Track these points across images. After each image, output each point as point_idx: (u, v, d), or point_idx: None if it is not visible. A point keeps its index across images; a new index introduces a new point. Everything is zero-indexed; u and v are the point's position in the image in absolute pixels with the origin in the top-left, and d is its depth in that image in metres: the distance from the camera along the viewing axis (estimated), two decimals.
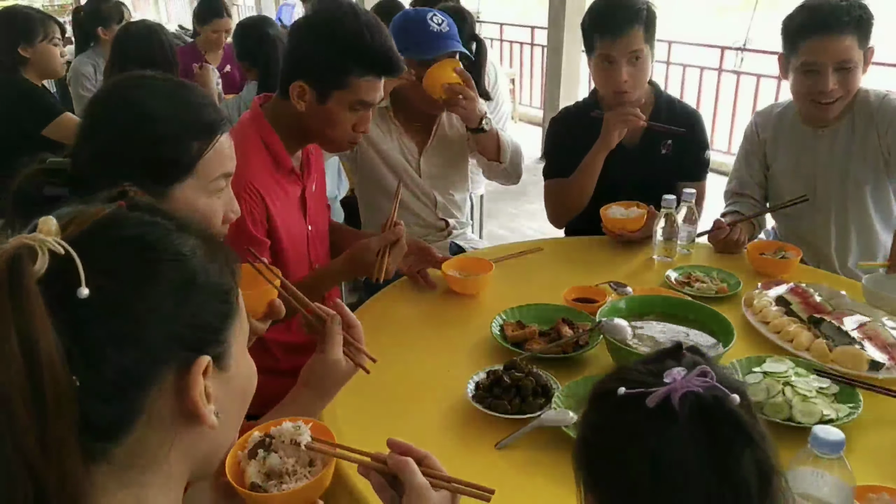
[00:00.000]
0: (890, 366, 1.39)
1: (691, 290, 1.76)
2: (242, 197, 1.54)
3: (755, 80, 5.80)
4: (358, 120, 1.62)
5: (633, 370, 0.73)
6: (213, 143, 1.13)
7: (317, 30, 1.55)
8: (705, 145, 2.26)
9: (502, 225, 4.54)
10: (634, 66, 2.06)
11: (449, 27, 2.11)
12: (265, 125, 1.63)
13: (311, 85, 1.56)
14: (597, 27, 2.06)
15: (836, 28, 1.84)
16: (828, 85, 1.88)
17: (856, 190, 2.03)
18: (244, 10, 11.67)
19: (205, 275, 0.65)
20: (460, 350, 1.55)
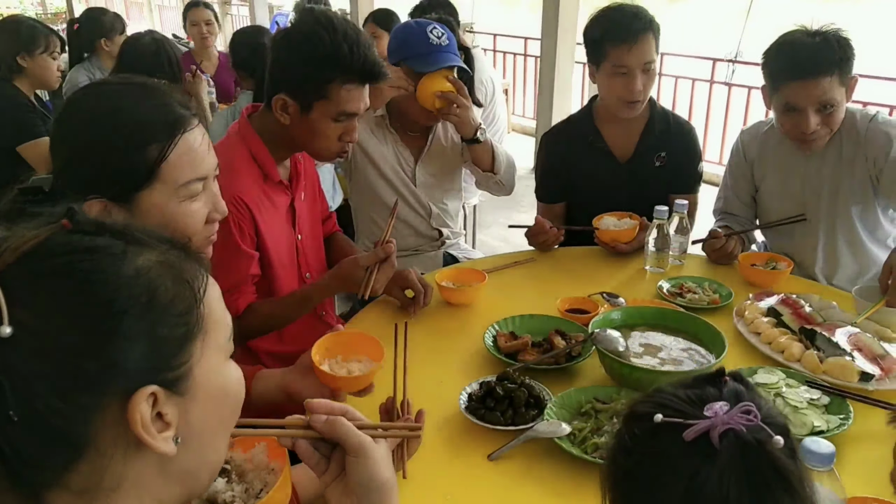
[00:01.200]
0: (880, 377, 1.40)
1: (683, 300, 1.76)
2: (230, 210, 1.53)
3: (746, 92, 5.84)
4: (344, 130, 1.62)
5: (671, 395, 0.71)
6: (172, 145, 1.06)
7: (295, 43, 1.56)
8: (699, 158, 2.27)
9: (495, 235, 4.55)
10: (646, 77, 2.08)
11: (448, 41, 2.11)
12: (253, 136, 1.64)
13: (293, 97, 1.57)
14: (611, 36, 2.05)
15: (815, 73, 1.81)
16: (809, 126, 1.86)
17: (844, 210, 2.02)
18: (238, 20, 11.69)
19: (151, 301, 0.62)
20: (453, 361, 1.55)
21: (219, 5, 12.32)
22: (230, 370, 0.72)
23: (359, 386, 1.27)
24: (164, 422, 0.63)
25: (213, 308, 0.69)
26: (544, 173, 2.36)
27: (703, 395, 0.69)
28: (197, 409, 0.66)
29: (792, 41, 1.88)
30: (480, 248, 3.79)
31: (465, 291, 1.80)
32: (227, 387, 0.71)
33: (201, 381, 0.66)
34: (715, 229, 2.05)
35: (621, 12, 2.06)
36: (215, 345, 0.68)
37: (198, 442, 0.67)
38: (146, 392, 0.61)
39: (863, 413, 1.31)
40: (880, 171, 1.93)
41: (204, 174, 1.12)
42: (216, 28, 4.13)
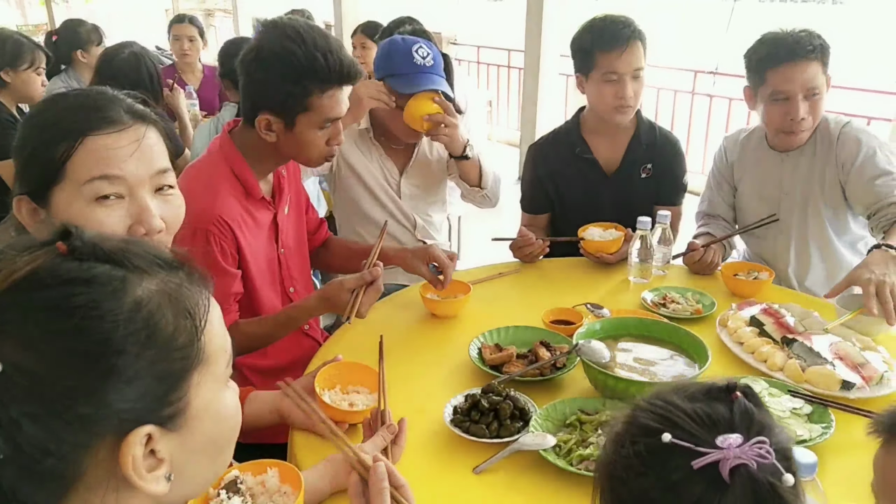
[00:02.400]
0: (861, 385, 1.41)
1: (667, 311, 1.77)
2: (211, 231, 1.54)
3: (727, 103, 5.91)
4: (330, 135, 1.63)
5: (679, 410, 0.68)
6: (77, 145, 1.01)
7: (269, 63, 1.53)
8: (684, 171, 2.30)
9: (480, 246, 4.56)
10: (636, 84, 2.10)
11: (434, 61, 2.11)
12: (235, 153, 1.63)
13: (275, 115, 1.56)
14: (601, 43, 2.08)
15: (802, 56, 1.90)
16: (798, 112, 1.92)
17: (815, 214, 2.07)
18: (221, 31, 11.67)
19: (151, 336, 0.59)
20: (438, 373, 1.55)
21: (202, 17, 12.32)
22: (227, 398, 0.70)
23: (359, 419, 1.30)
24: (157, 458, 0.61)
25: (213, 336, 0.67)
26: (530, 184, 2.37)
27: (713, 416, 0.67)
28: (192, 440, 0.65)
29: (775, 34, 1.97)
30: (466, 260, 3.79)
31: (450, 304, 1.80)
32: (224, 415, 0.69)
33: (198, 414, 0.64)
34: (693, 241, 2.08)
35: (610, 21, 2.10)
36: (213, 375, 0.66)
37: (192, 471, 0.66)
38: (141, 433, 0.59)
39: (844, 421, 1.32)
40: (847, 175, 1.98)
41: (117, 174, 1.03)
42: (200, 44, 4.11)
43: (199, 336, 0.64)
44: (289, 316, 1.65)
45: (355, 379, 1.38)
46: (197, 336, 0.63)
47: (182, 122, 3.44)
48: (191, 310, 0.63)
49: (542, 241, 2.09)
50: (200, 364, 0.64)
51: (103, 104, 1.06)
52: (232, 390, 0.72)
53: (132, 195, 1.04)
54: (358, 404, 1.33)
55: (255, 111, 1.57)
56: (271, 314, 1.68)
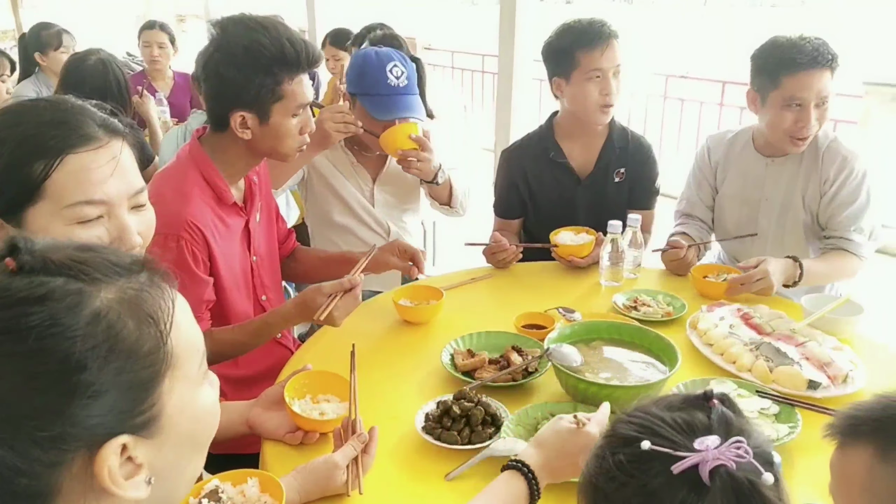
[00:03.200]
0: (827, 384, 1.43)
1: (638, 314, 1.79)
2: (183, 237, 1.51)
3: (699, 107, 5.99)
4: (302, 123, 1.63)
5: (658, 418, 0.69)
6: (56, 164, 1.00)
7: (237, 58, 1.52)
8: (657, 175, 2.32)
9: (455, 251, 4.56)
10: (618, 80, 2.12)
11: (408, 80, 2.09)
12: (205, 159, 1.61)
13: (250, 110, 1.55)
14: (581, 43, 2.09)
15: (822, 64, 1.89)
16: (810, 120, 1.92)
17: (794, 220, 2.09)
18: (194, 37, 11.57)
19: (113, 348, 0.58)
20: (411, 380, 1.54)
21: (175, 21, 12.19)
22: (203, 396, 0.69)
23: (330, 428, 1.29)
24: (135, 464, 0.61)
25: (182, 337, 0.65)
26: (504, 189, 2.38)
27: (691, 422, 0.68)
28: (170, 443, 0.64)
29: (790, 39, 1.95)
30: (441, 265, 3.79)
31: (422, 310, 1.80)
32: (201, 413, 0.69)
33: (173, 417, 0.63)
34: (677, 240, 2.08)
35: (588, 21, 2.12)
36: (186, 375, 0.65)
37: (174, 471, 0.65)
38: (114, 444, 0.58)
39: (811, 421, 1.33)
40: (827, 189, 2.01)
41: (101, 199, 1.03)
42: (170, 50, 4.07)
43: (165, 340, 0.62)
44: (265, 322, 1.63)
45: (326, 388, 1.37)
46: (163, 341, 0.62)
47: (152, 130, 3.40)
48: (154, 315, 0.62)
49: (515, 247, 2.09)
50: (171, 368, 0.63)
51: (79, 120, 1.05)
52: (210, 385, 0.72)
53: (112, 214, 1.05)
54: (329, 413, 1.32)
55: (228, 110, 1.55)
56: (245, 322, 1.66)
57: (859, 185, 1.99)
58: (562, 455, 1.07)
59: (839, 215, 2.01)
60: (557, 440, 1.08)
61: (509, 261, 2.10)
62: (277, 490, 1.05)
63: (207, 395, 0.70)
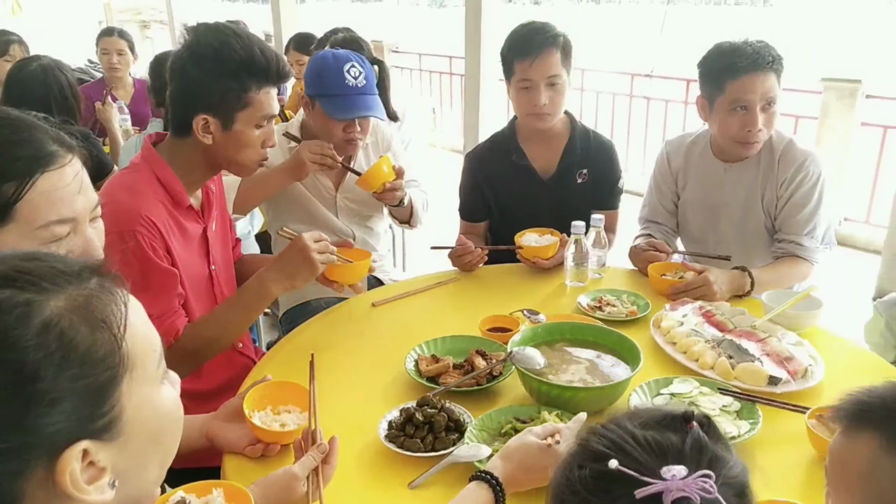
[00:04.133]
0: (787, 380, 1.44)
1: (603, 314, 1.79)
2: (139, 231, 1.47)
3: (664, 105, 6.06)
4: (265, 136, 1.60)
5: (630, 436, 0.68)
6: (29, 183, 0.99)
7: (205, 60, 1.51)
8: (619, 175, 2.33)
9: (426, 254, 4.54)
10: (553, 91, 2.11)
11: (366, 80, 2.08)
12: (160, 163, 1.58)
13: (213, 114, 1.53)
14: (516, 51, 2.10)
15: (762, 67, 1.91)
16: (757, 122, 1.93)
17: (755, 224, 2.11)
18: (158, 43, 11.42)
19: (67, 355, 0.58)
20: (375, 388, 1.53)
21: (138, 28, 12.02)
22: (163, 395, 0.69)
23: (290, 439, 1.26)
24: (98, 468, 0.61)
25: (137, 339, 0.65)
26: (468, 192, 2.37)
27: (663, 444, 0.66)
28: (132, 445, 0.64)
29: (732, 44, 1.97)
30: (411, 268, 3.78)
31: (349, 269, 1.73)
32: (163, 413, 0.69)
33: (134, 419, 0.64)
34: (661, 242, 2.09)
35: (527, 28, 2.11)
36: (144, 376, 0.66)
37: (139, 472, 0.65)
38: (75, 450, 0.58)
39: (771, 417, 1.35)
40: (784, 192, 2.03)
41: (71, 216, 1.04)
42: (130, 58, 4.00)
43: (119, 344, 0.63)
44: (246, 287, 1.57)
45: (286, 399, 1.35)
46: (118, 344, 0.62)
47: (113, 138, 3.34)
48: (106, 319, 0.62)
49: (480, 250, 2.09)
50: (128, 370, 0.63)
51: (40, 138, 1.05)
52: (170, 384, 0.72)
53: (77, 230, 1.06)
54: (290, 424, 1.30)
55: (191, 113, 1.53)
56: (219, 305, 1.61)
57: (813, 188, 2.02)
58: (529, 470, 1.07)
59: (792, 217, 2.03)
60: (525, 457, 1.08)
61: (475, 263, 2.10)
62: (244, 499, 1.04)
63: (168, 394, 0.71)
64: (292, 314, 2.31)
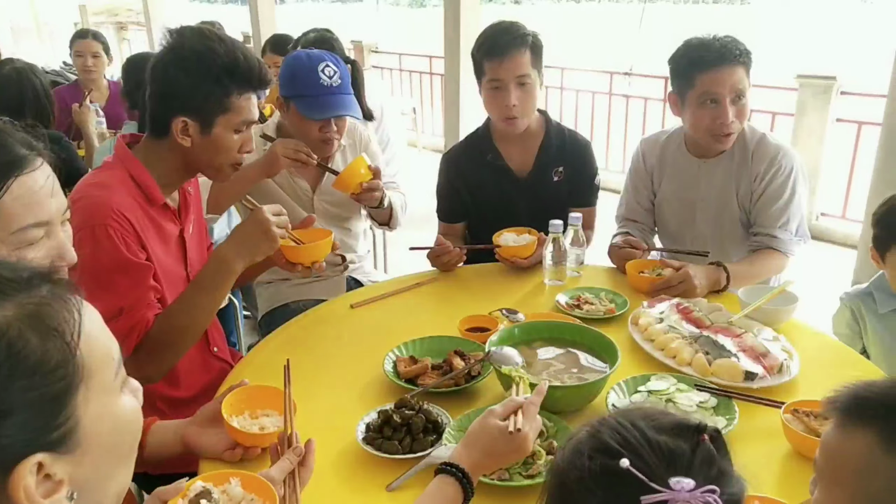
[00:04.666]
0: (763, 375, 1.45)
1: (581, 312, 1.79)
2: (109, 224, 1.44)
3: (643, 103, 6.09)
4: (243, 141, 1.59)
5: (642, 438, 0.68)
6: (4, 190, 1.00)
7: (189, 63, 1.50)
8: (595, 172, 2.33)
9: (407, 254, 4.53)
10: (522, 91, 2.10)
11: (341, 79, 2.07)
12: (134, 162, 1.55)
13: (193, 117, 1.51)
14: (485, 52, 2.10)
15: (730, 60, 1.92)
16: (727, 115, 1.94)
17: (730, 219, 2.12)
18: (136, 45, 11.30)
19: (16, 366, 0.57)
20: (353, 390, 1.52)
21: (114, 30, 11.89)
22: (122, 405, 0.68)
23: (270, 442, 1.25)
24: (55, 481, 0.59)
25: (93, 347, 0.64)
26: (445, 193, 2.37)
27: (674, 452, 0.67)
28: (90, 456, 0.62)
29: (700, 39, 1.99)
30: (392, 269, 3.77)
31: (306, 250, 1.72)
32: (122, 423, 0.67)
33: (91, 430, 0.62)
34: (638, 241, 2.09)
35: (496, 28, 2.11)
36: (101, 386, 0.64)
37: (98, 484, 0.64)
38: (29, 464, 0.56)
39: (748, 412, 1.35)
40: (758, 186, 2.05)
41: (45, 219, 1.04)
42: (105, 60, 3.95)
43: (73, 353, 0.61)
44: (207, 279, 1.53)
45: (265, 403, 1.34)
46: (71, 353, 0.61)
47: (88, 141, 3.30)
48: (58, 327, 0.61)
49: (458, 250, 2.09)
50: (83, 380, 0.61)
51: (10, 142, 1.04)
52: (130, 393, 0.70)
53: (50, 233, 1.07)
54: (269, 427, 1.28)
55: (170, 115, 1.51)
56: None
57: (786, 181, 2.03)
58: (493, 455, 1.06)
59: (766, 211, 2.05)
60: (489, 441, 1.06)
61: (453, 263, 2.09)
62: (259, 485, 1.04)
63: (127, 403, 0.69)
64: (271, 316, 2.30)
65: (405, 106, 7.69)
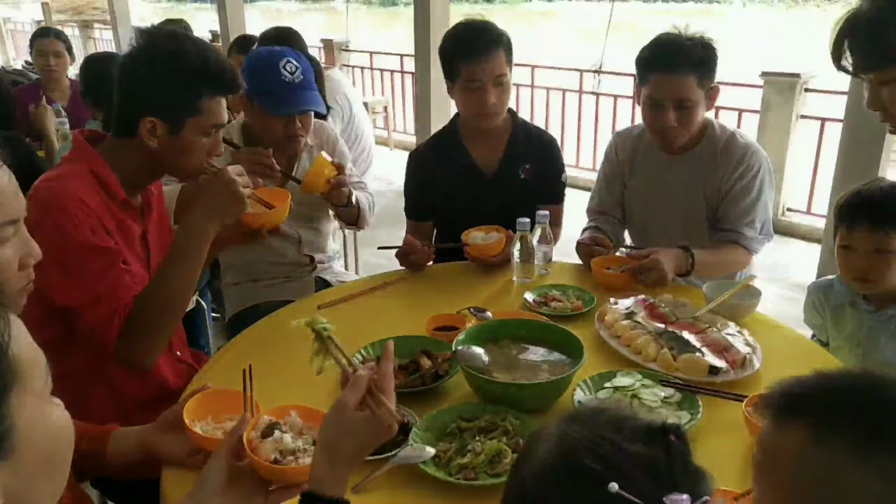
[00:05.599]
0: (726, 369, 1.47)
1: (549, 309, 1.80)
2: (71, 211, 1.40)
3: (613, 101, 6.13)
4: (212, 145, 1.57)
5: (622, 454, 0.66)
6: None
7: (159, 64, 1.48)
8: (561, 169, 2.34)
9: (378, 253, 4.51)
10: (500, 90, 2.11)
11: (303, 75, 2.05)
12: (94, 156, 1.52)
13: (161, 118, 1.49)
14: (461, 53, 2.09)
15: (675, 68, 1.94)
16: (667, 121, 1.98)
17: (697, 218, 2.14)
18: (102, 44, 11.11)
19: None
20: (320, 392, 1.50)
21: (79, 28, 11.68)
22: (54, 415, 0.66)
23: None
24: None
25: (23, 349, 0.62)
26: (414, 192, 2.36)
27: (653, 461, 0.66)
28: (25, 465, 0.60)
29: (662, 39, 2.01)
30: (364, 268, 3.75)
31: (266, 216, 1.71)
32: (55, 431, 0.65)
33: (26, 435, 0.60)
34: (605, 239, 2.10)
35: (470, 29, 2.10)
36: (33, 392, 0.62)
37: (30, 497, 0.62)
38: None
39: (711, 406, 1.37)
40: (719, 189, 2.07)
41: (14, 217, 1.05)
42: (67, 59, 3.88)
43: (5, 352, 0.60)
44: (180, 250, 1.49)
45: (228, 407, 1.32)
46: (2, 352, 0.59)
47: (48, 142, 3.23)
48: None
49: (427, 249, 2.08)
50: (15, 384, 0.60)
51: None
52: (57, 405, 0.68)
53: (18, 230, 1.07)
54: None
55: (138, 115, 1.48)
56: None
57: (753, 180, 2.06)
58: (361, 449, 0.99)
59: (733, 208, 2.07)
60: (354, 439, 0.97)
61: (422, 262, 2.09)
62: (316, 417, 1.12)
63: (58, 412, 0.67)
64: (239, 318, 2.27)
65: (377, 104, 7.66)
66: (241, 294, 2.31)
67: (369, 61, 8.24)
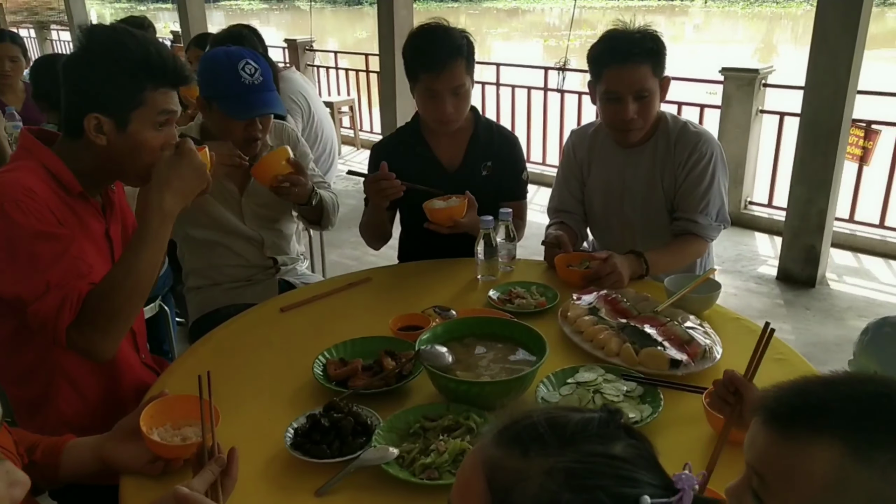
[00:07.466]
0: (687, 362, 1.49)
1: (513, 306, 1.80)
2: (19, 199, 1.35)
3: (577, 98, 6.18)
4: (165, 139, 1.51)
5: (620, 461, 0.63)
6: None
7: (99, 59, 1.44)
8: (523, 167, 2.35)
9: (345, 254, 4.49)
10: (457, 98, 2.10)
11: (262, 76, 2.02)
12: (44, 151, 1.47)
13: (106, 114, 1.44)
14: (420, 62, 2.07)
15: (631, 59, 1.95)
16: (628, 113, 1.99)
17: (657, 207, 2.16)
18: (60, 46, 10.87)
19: None
20: (282, 395, 1.49)
21: (35, 30, 11.40)
22: None
23: (192, 452, 1.20)
24: None
25: None
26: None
27: (642, 452, 0.65)
28: None
29: (612, 34, 2.02)
30: (330, 269, 3.71)
31: None
32: None
33: None
34: (566, 241, 2.10)
35: (430, 38, 2.07)
36: None
37: None
38: None
39: (673, 399, 1.39)
40: (675, 178, 2.10)
41: None
42: (23, 63, 3.78)
43: None
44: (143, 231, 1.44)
45: (187, 413, 1.29)
46: None
47: (1, 148, 3.15)
48: None
49: (398, 182, 2.04)
50: None
51: None
52: None
53: None
54: (191, 438, 1.25)
55: (83, 112, 1.43)
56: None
57: (706, 166, 2.08)
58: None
59: (688, 196, 2.10)
60: None
61: (389, 195, 2.06)
62: None
63: None
64: (201, 323, 2.23)
65: (342, 104, 7.61)
66: (204, 298, 2.27)
67: (334, 61, 8.19)
